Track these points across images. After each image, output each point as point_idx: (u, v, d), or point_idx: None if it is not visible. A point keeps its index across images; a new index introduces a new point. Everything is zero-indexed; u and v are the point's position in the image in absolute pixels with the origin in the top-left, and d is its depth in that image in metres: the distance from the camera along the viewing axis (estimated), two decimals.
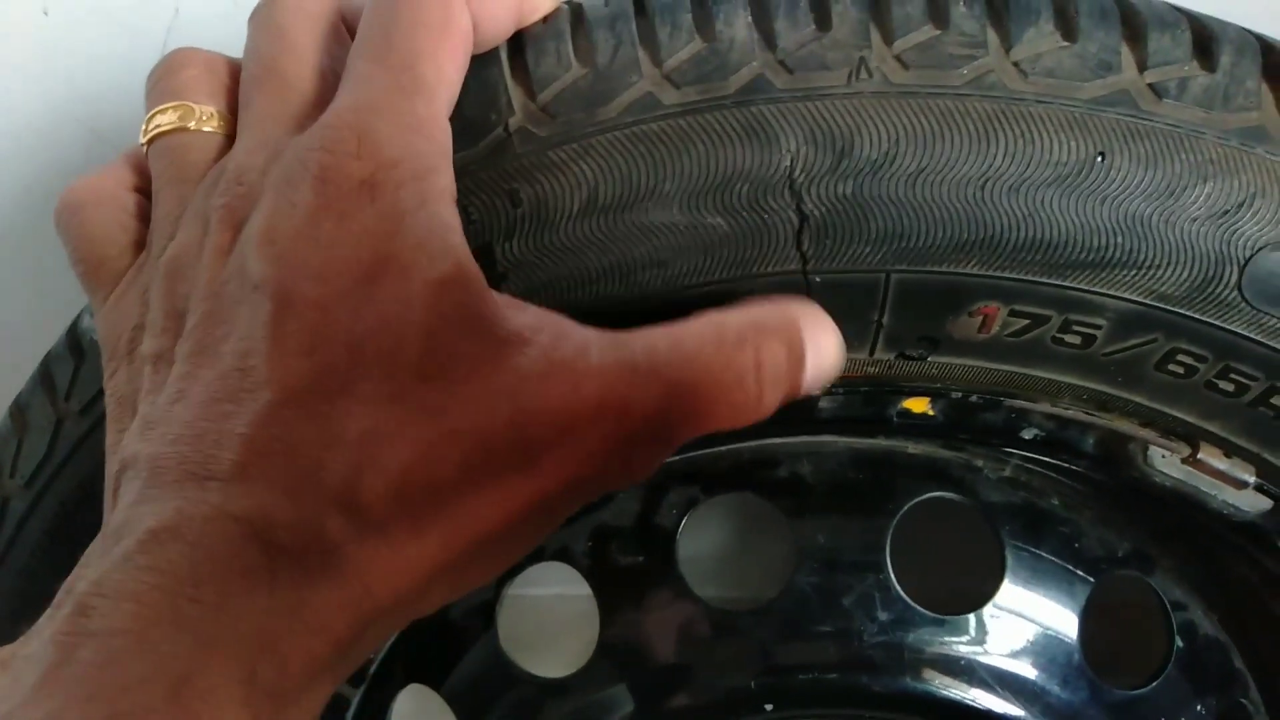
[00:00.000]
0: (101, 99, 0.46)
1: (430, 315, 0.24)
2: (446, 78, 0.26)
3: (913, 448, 0.38)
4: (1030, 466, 0.39)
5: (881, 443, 0.38)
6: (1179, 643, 0.39)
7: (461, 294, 0.24)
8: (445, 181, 0.26)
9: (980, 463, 0.38)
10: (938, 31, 0.27)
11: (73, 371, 0.33)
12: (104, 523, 0.24)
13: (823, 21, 0.28)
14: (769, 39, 0.27)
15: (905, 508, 0.37)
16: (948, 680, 0.37)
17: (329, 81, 0.27)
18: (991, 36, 0.28)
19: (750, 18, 0.28)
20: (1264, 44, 0.29)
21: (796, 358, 0.26)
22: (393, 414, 0.23)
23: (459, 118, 0.28)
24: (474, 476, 0.23)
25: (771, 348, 0.26)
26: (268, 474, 0.22)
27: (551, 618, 0.47)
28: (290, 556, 0.22)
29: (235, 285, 0.24)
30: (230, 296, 0.24)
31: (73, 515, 0.33)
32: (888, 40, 0.27)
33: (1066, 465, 0.35)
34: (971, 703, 0.37)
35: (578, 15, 0.29)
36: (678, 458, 0.38)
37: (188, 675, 0.20)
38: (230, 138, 0.28)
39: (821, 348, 0.27)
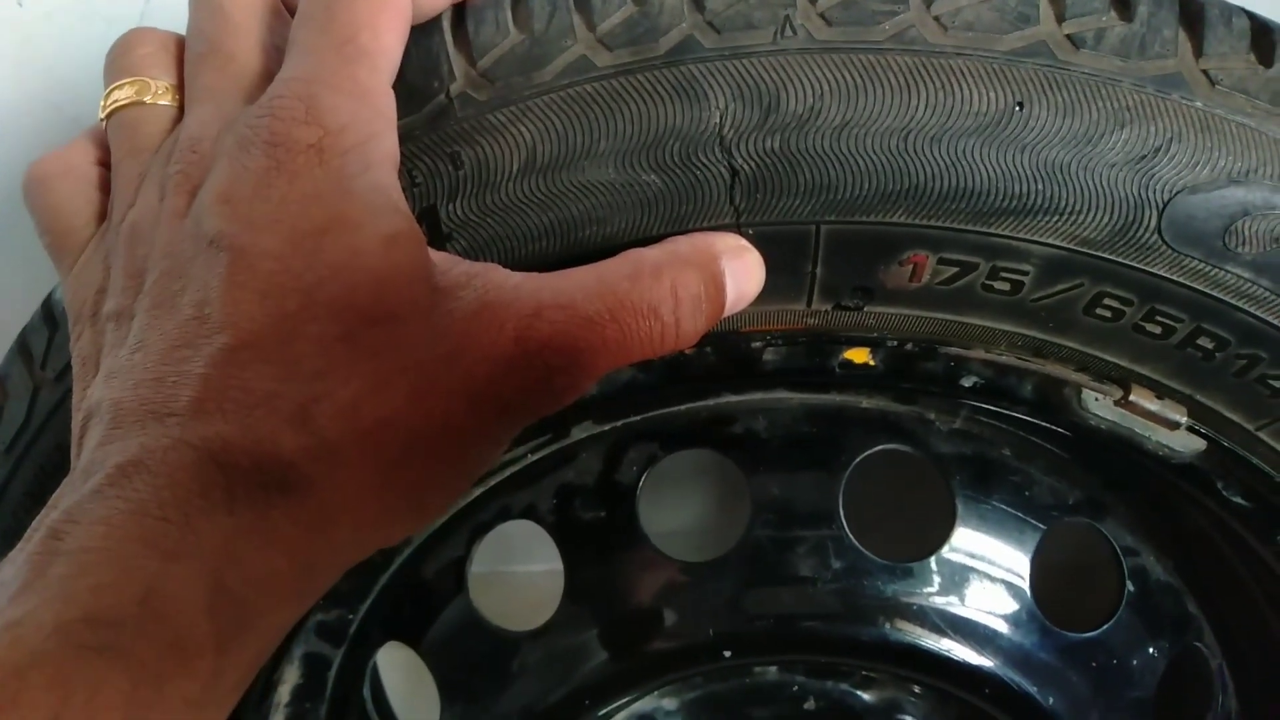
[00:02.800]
0: (79, 85, 0.47)
1: (380, 265, 0.25)
2: (386, 46, 0.27)
3: (865, 402, 0.39)
4: (981, 418, 0.40)
5: (835, 398, 0.39)
6: (1130, 587, 0.40)
7: (407, 247, 0.26)
8: (388, 146, 0.27)
9: (932, 415, 0.39)
10: None
11: (47, 341, 0.34)
12: (71, 468, 0.26)
13: None
14: (698, 0, 0.28)
15: (857, 460, 0.39)
16: (901, 625, 0.38)
17: (271, 55, 0.29)
18: None
19: None
20: None
21: (716, 286, 0.28)
22: (344, 352, 0.25)
23: (403, 85, 0.29)
24: (418, 401, 0.25)
25: (687, 278, 0.28)
26: (224, 407, 0.24)
27: (523, 589, 0.48)
28: (247, 476, 0.23)
29: (191, 243, 0.26)
30: (187, 253, 0.26)
31: (51, 478, 0.35)
32: None
33: (1009, 413, 0.36)
34: (925, 646, 0.38)
35: None
36: (637, 417, 0.40)
37: (156, 583, 0.22)
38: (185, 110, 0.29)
39: (740, 272, 0.29)
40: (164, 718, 0.21)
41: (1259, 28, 0.29)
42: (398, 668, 0.50)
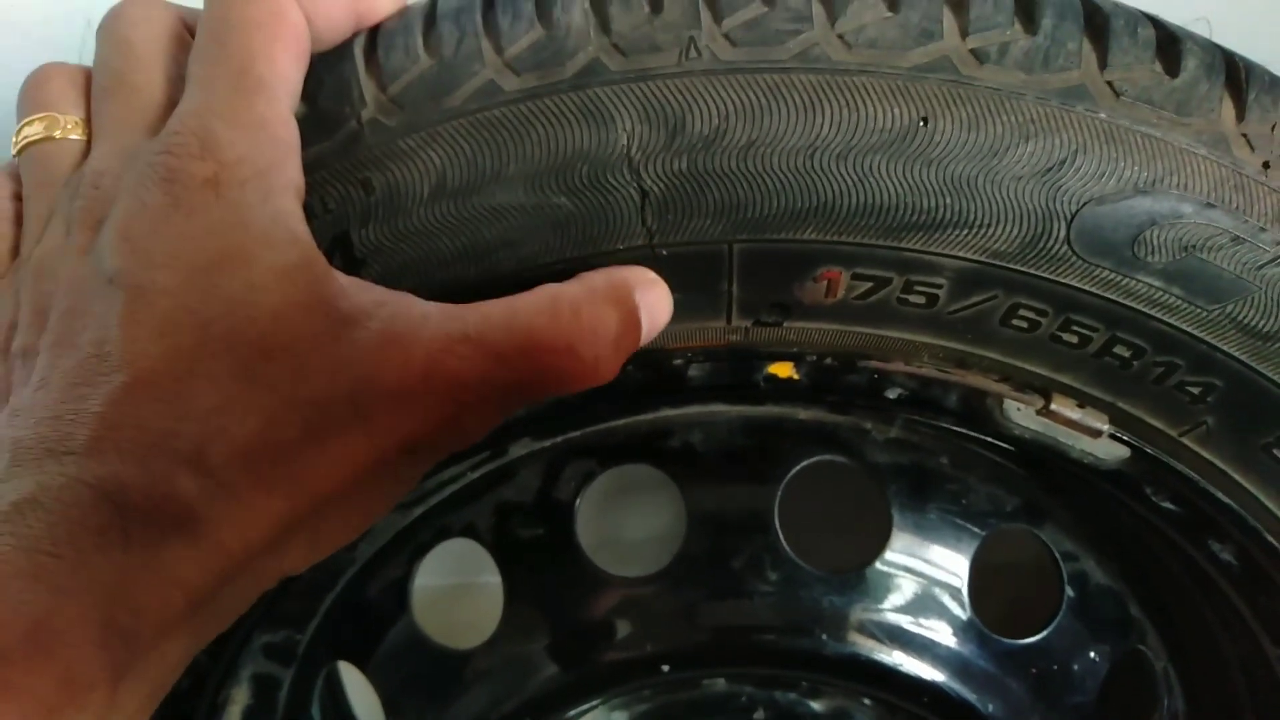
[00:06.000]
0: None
1: (275, 298, 0.25)
2: (284, 75, 0.27)
3: (803, 413, 0.39)
4: (918, 427, 0.40)
5: (772, 410, 0.39)
6: (1069, 592, 0.40)
7: (306, 278, 0.26)
8: (289, 176, 0.27)
9: (869, 425, 0.40)
10: (765, 9, 0.28)
11: None
12: None
13: (655, 4, 0.28)
14: (604, 23, 0.28)
15: (792, 471, 0.39)
16: (838, 636, 0.38)
17: (177, 86, 0.29)
18: (817, 10, 0.28)
19: (587, 4, 0.29)
20: (1087, 5, 0.30)
21: (632, 321, 0.28)
22: (239, 389, 0.25)
23: (315, 111, 0.29)
24: (315, 439, 0.25)
25: (605, 315, 0.27)
26: (120, 446, 0.24)
27: (467, 604, 0.48)
28: (143, 515, 0.23)
29: (92, 280, 0.26)
30: (88, 290, 0.26)
31: None
32: (717, 19, 0.28)
33: (940, 424, 0.36)
34: (862, 655, 0.38)
35: (431, 9, 0.30)
36: (576, 433, 0.40)
37: (45, 619, 0.22)
38: None
39: (654, 305, 0.29)
40: None
41: (1165, 37, 0.30)
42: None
